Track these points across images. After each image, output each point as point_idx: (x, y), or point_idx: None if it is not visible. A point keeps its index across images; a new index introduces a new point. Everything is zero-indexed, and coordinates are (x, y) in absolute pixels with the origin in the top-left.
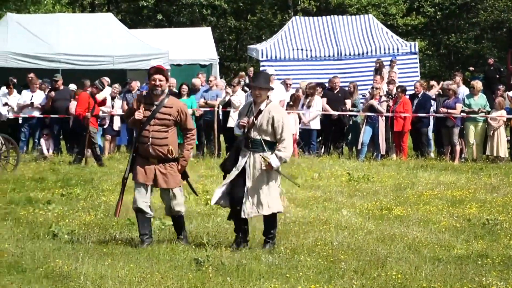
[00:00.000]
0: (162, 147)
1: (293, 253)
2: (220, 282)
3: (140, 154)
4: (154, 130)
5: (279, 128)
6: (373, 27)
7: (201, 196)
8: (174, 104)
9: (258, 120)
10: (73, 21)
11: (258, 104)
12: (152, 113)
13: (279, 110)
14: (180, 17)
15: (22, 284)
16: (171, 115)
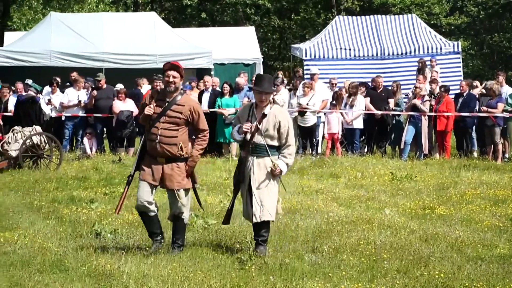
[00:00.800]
0: (171, 146)
1: (336, 252)
2: (263, 281)
3: (148, 152)
4: (164, 128)
5: (285, 133)
6: (416, 26)
7: None
8: (187, 102)
9: (262, 124)
10: (117, 20)
11: (261, 108)
12: (163, 110)
13: (284, 114)
14: (224, 16)
15: (65, 282)
16: (183, 113)
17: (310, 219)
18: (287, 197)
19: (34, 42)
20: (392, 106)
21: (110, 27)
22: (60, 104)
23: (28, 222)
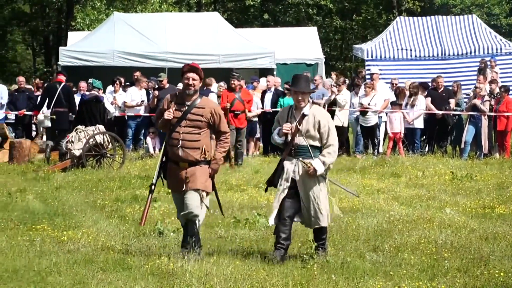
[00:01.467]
0: (193, 150)
1: (397, 251)
2: (325, 279)
3: (171, 158)
4: (185, 132)
5: (325, 133)
6: (476, 27)
7: None
8: (207, 104)
9: (303, 125)
10: (180, 20)
11: (300, 109)
12: (183, 114)
13: (324, 114)
14: (286, 17)
15: (128, 281)
16: (204, 116)
17: (372, 218)
18: (350, 196)
19: (98, 42)
20: (453, 106)
21: (173, 27)
22: (123, 103)
23: (91, 220)
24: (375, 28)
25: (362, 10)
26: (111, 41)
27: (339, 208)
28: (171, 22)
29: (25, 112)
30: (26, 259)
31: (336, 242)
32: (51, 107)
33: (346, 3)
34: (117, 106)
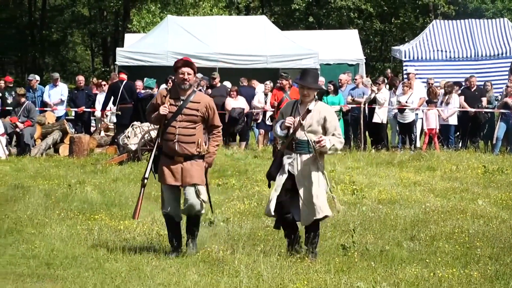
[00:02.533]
0: (189, 145)
1: (432, 239)
2: (364, 266)
3: (165, 152)
4: (181, 126)
5: (332, 127)
6: (507, 30)
7: (347, 187)
8: (202, 99)
9: (306, 120)
10: (230, 23)
11: (305, 104)
12: (178, 109)
13: (329, 110)
14: (329, 20)
15: (180, 267)
16: (199, 110)
17: (409, 209)
18: (389, 189)
19: (152, 43)
20: (485, 104)
21: (223, 29)
22: None
23: (146, 211)
24: (412, 30)
25: (400, 13)
26: (165, 43)
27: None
28: (221, 25)
29: (84, 109)
30: (84, 247)
31: (375, 231)
32: (116, 104)
33: (385, 7)
34: None
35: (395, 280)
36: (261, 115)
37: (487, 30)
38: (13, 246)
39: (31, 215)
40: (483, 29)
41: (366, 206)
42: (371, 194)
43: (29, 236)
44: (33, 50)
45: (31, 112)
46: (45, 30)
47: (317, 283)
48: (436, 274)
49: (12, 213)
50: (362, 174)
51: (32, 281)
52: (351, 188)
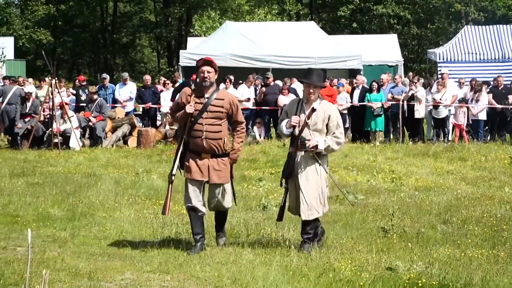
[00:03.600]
0: (217, 141)
1: (463, 223)
2: (402, 247)
3: (192, 149)
4: (208, 123)
5: (334, 126)
6: None
7: (386, 175)
8: (226, 96)
9: (311, 118)
10: (282, 28)
11: (310, 102)
12: (203, 106)
13: (334, 108)
14: (371, 26)
15: (237, 247)
16: (223, 107)
17: (442, 196)
18: (424, 177)
19: (212, 46)
20: (511, 101)
21: (276, 34)
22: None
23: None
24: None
25: (435, 20)
26: (224, 46)
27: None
28: (274, 30)
29: (150, 105)
30: (150, 229)
31: (412, 215)
32: None
33: (421, 14)
34: None
35: (429, 260)
36: None
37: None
38: (86, 228)
39: (103, 200)
40: (510, 33)
41: (404, 192)
42: (409, 182)
43: (100, 219)
44: (105, 52)
45: (102, 108)
46: (116, 34)
47: (360, 262)
48: (466, 254)
49: (85, 199)
50: (400, 164)
51: (103, 260)
52: (390, 176)
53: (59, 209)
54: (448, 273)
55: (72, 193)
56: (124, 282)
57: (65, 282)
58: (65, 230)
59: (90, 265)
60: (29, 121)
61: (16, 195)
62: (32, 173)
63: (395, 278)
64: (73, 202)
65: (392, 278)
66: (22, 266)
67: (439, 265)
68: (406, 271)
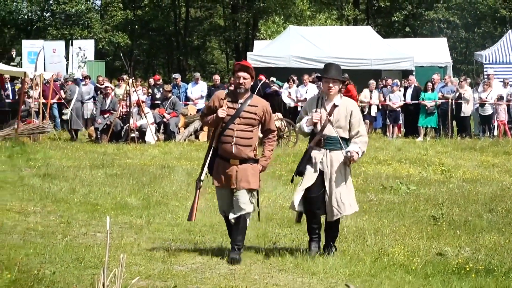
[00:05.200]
0: (246, 148)
1: (507, 212)
2: (451, 234)
3: (221, 155)
4: (239, 129)
5: (356, 123)
6: None
7: (437, 168)
8: (259, 103)
9: (334, 115)
10: (341, 32)
11: (330, 98)
12: (236, 112)
13: (355, 104)
14: (423, 30)
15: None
16: (257, 114)
17: (488, 187)
18: (471, 169)
19: (277, 48)
20: None
21: (336, 37)
22: (296, 97)
23: (271, 187)
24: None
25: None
26: (287, 48)
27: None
28: (334, 33)
29: None
30: (220, 217)
31: (460, 205)
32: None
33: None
34: (292, 99)
35: (476, 246)
36: (366, 108)
37: None
38: (160, 216)
39: (176, 190)
40: None
41: (452, 184)
42: (457, 174)
43: (173, 208)
44: (178, 53)
45: (176, 105)
46: (188, 37)
47: (412, 248)
48: (511, 241)
49: (160, 189)
50: (449, 157)
51: (176, 245)
52: (440, 169)
53: (136, 198)
54: (494, 258)
55: (147, 184)
56: (195, 266)
57: (140, 266)
58: (141, 218)
59: (164, 250)
60: (108, 117)
61: (96, 185)
62: (110, 165)
63: (444, 263)
64: (148, 191)
65: (442, 263)
66: (101, 250)
67: (485, 251)
68: (455, 256)
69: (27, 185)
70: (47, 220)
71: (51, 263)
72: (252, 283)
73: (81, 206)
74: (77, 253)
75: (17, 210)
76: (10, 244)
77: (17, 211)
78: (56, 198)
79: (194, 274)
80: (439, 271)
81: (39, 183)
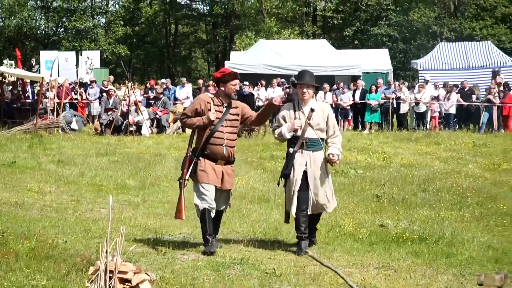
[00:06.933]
0: (233, 148)
1: (437, 191)
2: (391, 209)
3: (208, 155)
4: (228, 131)
5: (333, 126)
6: (490, 49)
7: (379, 155)
8: (237, 104)
9: (313, 119)
10: (302, 45)
11: (306, 103)
12: (224, 114)
13: (329, 107)
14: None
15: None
16: (239, 114)
17: (422, 170)
18: (408, 157)
19: (249, 58)
20: (474, 99)
21: (297, 48)
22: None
23: (244, 171)
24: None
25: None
26: (258, 58)
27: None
28: (296, 45)
29: None
30: None
31: (398, 185)
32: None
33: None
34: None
35: (412, 219)
36: None
37: (476, 49)
38: (154, 195)
39: (166, 173)
40: (474, 48)
41: (392, 168)
42: (396, 160)
43: (164, 188)
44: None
45: (166, 104)
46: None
47: (359, 221)
48: (440, 215)
49: (153, 172)
50: (390, 147)
51: (166, 219)
52: (382, 156)
53: (133, 180)
54: (426, 229)
55: (143, 168)
56: (181, 236)
57: (137, 236)
58: (138, 196)
59: (156, 223)
60: (111, 114)
61: (100, 170)
62: (113, 153)
63: (386, 233)
64: (144, 175)
65: (383, 233)
66: (105, 223)
67: (419, 223)
68: (394, 227)
69: (44, 169)
70: (60, 198)
71: (63, 233)
72: (228, 249)
73: (89, 187)
74: (85, 226)
75: (35, 190)
76: (30, 218)
77: (36, 191)
78: (68, 181)
79: (180, 242)
80: (381, 240)
81: (54, 168)
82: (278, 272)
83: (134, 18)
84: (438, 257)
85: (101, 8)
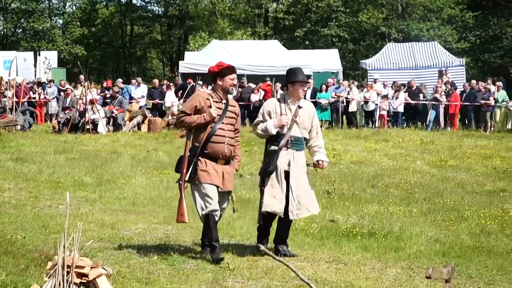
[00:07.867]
0: (233, 147)
1: (386, 187)
2: (341, 204)
3: (209, 155)
4: (228, 129)
5: (316, 124)
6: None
7: (330, 152)
8: (235, 103)
9: (299, 117)
10: (254, 45)
11: (294, 101)
12: (223, 111)
13: (313, 106)
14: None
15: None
16: (236, 113)
17: (371, 167)
18: (357, 154)
19: (203, 58)
20: (421, 98)
21: (250, 49)
22: None
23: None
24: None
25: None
26: (212, 58)
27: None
28: (248, 46)
29: (158, 101)
30: (157, 191)
31: (348, 181)
32: (183, 97)
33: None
34: None
35: (361, 214)
36: None
37: (423, 49)
38: (110, 191)
39: (122, 170)
40: (421, 48)
41: (342, 165)
42: (346, 157)
43: (120, 185)
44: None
45: (122, 103)
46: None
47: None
48: (388, 210)
49: (109, 169)
50: (340, 144)
51: (122, 214)
52: (332, 153)
53: (90, 177)
54: (375, 224)
55: (99, 166)
56: (137, 231)
57: (94, 231)
58: (94, 193)
59: (112, 218)
60: (68, 112)
61: (58, 167)
62: (70, 151)
63: (336, 228)
64: (100, 172)
65: (334, 228)
66: (63, 219)
67: (368, 218)
68: (344, 222)
69: (3, 167)
70: (19, 195)
71: (22, 229)
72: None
73: (47, 184)
74: (43, 222)
75: None
76: None
77: None
78: (26, 178)
79: (136, 237)
80: (332, 234)
81: (13, 166)
82: (232, 266)
83: (91, 19)
84: (387, 251)
85: (58, 9)
